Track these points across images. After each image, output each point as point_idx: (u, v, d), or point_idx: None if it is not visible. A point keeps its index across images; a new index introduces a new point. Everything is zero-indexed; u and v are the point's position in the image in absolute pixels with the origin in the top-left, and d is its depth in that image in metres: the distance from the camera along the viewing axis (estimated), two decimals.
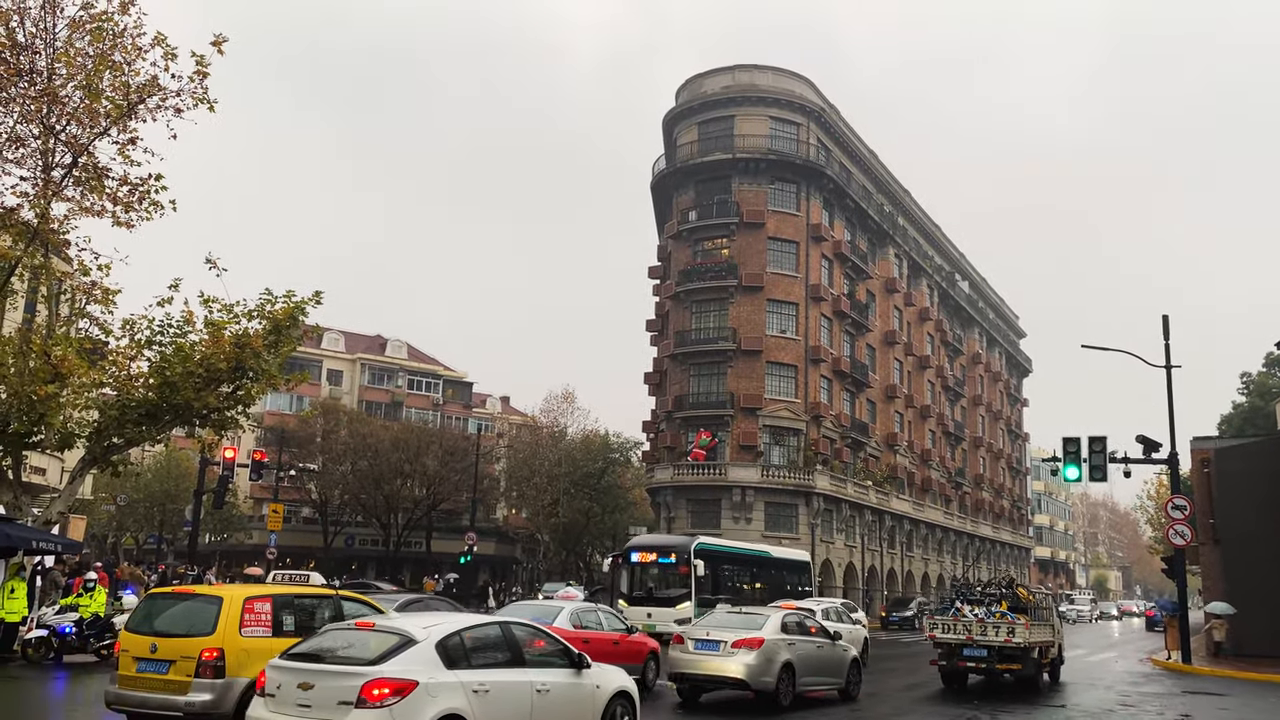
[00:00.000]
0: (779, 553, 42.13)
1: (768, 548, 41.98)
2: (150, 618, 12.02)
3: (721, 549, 37.34)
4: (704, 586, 32.92)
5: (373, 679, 9.08)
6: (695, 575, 32.17)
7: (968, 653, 20.49)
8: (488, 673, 10.13)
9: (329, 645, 10.01)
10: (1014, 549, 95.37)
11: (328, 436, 70.96)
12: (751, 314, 54.94)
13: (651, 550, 33.85)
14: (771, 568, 40.09)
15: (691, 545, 33.28)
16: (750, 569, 38.69)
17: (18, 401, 19.16)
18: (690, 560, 32.31)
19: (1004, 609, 21.46)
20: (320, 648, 9.96)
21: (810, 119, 58.87)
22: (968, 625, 20.65)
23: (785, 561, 41.58)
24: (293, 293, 21.02)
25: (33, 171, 19.53)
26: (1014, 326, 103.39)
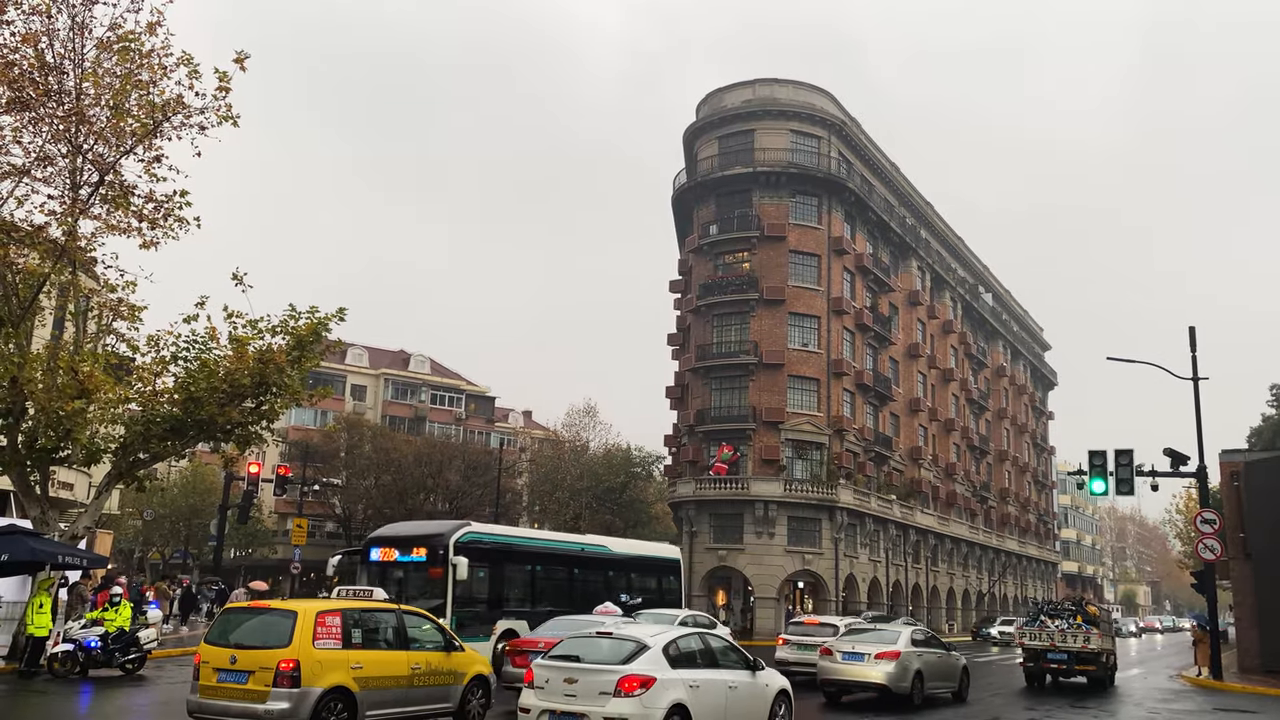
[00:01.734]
0: (627, 548, 32.97)
1: (608, 541, 32.44)
2: (228, 631, 12.90)
3: (512, 541, 27.09)
4: (474, 593, 24.37)
5: (625, 675, 12.04)
6: (453, 578, 22.75)
7: (1051, 656, 25.44)
8: (698, 672, 12.96)
9: (580, 651, 12.91)
10: (1040, 564, 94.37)
11: (351, 451, 71.32)
12: (773, 327, 54.81)
13: (394, 545, 24.16)
14: (612, 568, 30.20)
15: (451, 537, 23.54)
16: (576, 569, 28.88)
17: (45, 417, 19.39)
18: (447, 558, 22.93)
19: (1079, 621, 25.96)
20: (573, 652, 12.91)
21: (831, 132, 58.82)
22: (1051, 634, 25.55)
23: (636, 560, 32.05)
24: (316, 309, 21.20)
25: (61, 190, 19.81)
26: (1038, 339, 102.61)
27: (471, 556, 23.29)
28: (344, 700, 12.52)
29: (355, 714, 12.67)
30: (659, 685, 12.09)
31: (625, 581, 30.48)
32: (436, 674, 14.20)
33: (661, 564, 33.29)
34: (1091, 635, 25.42)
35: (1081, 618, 26.20)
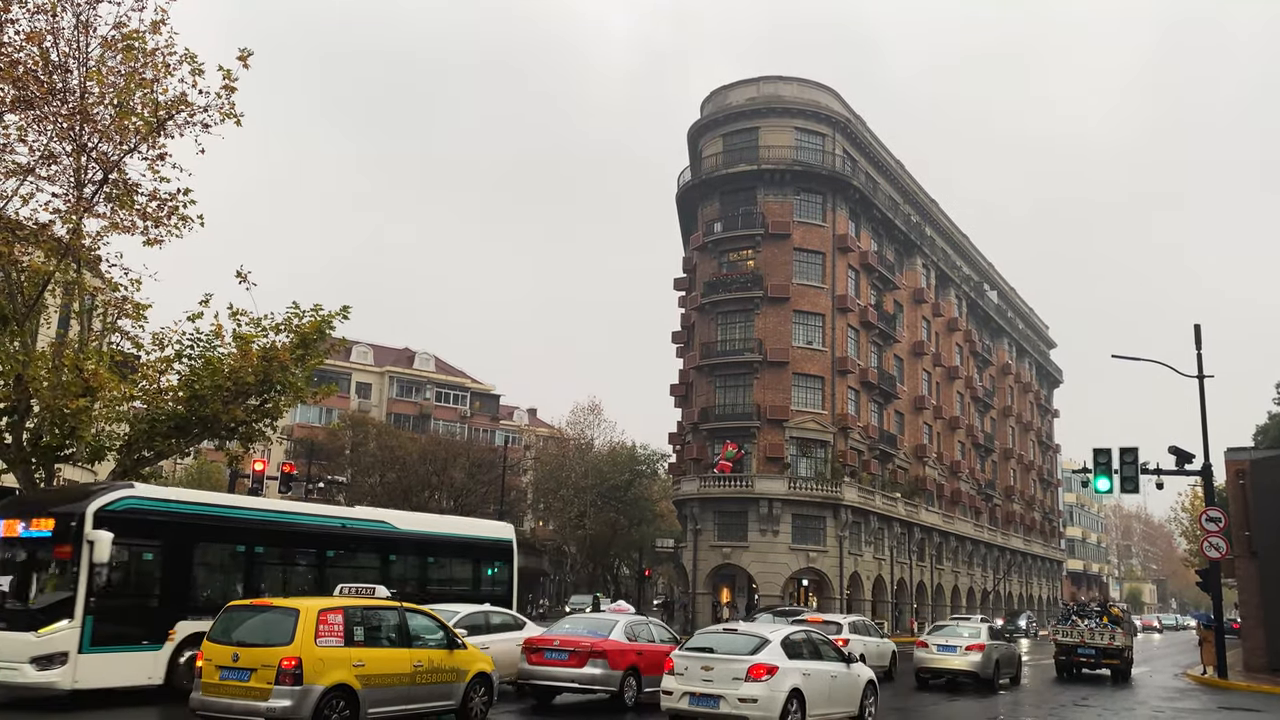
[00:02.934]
0: (426, 525, 24.20)
1: (392, 515, 23.53)
2: (230, 629, 12.94)
3: (205, 512, 18.78)
4: (135, 584, 17.72)
5: (754, 664, 14.54)
6: (89, 561, 15.98)
7: (1081, 651, 29.21)
8: (807, 663, 15.39)
9: (712, 644, 15.57)
10: (1046, 562, 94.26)
11: (356, 449, 71.47)
12: (777, 325, 54.77)
13: (19, 514, 17.18)
14: (395, 551, 22.25)
15: (91, 504, 16.51)
16: (332, 552, 20.99)
17: (50, 415, 19.42)
18: (80, 533, 16.17)
19: (1105, 621, 29.64)
20: (705, 645, 15.53)
21: (836, 129, 58.73)
22: (1081, 632, 29.39)
23: (438, 542, 23.64)
24: (320, 306, 21.21)
25: (65, 188, 19.82)
26: (1044, 336, 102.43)
27: (129, 532, 16.62)
28: (346, 698, 12.56)
29: (357, 712, 12.71)
30: (781, 673, 14.65)
31: (418, 570, 22.76)
32: (439, 671, 14.22)
33: (481, 548, 24.74)
34: (1116, 634, 29.05)
35: (1107, 619, 29.96)
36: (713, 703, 14.47)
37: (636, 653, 17.98)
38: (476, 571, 24.55)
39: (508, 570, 25.33)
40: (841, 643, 21.57)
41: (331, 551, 20.93)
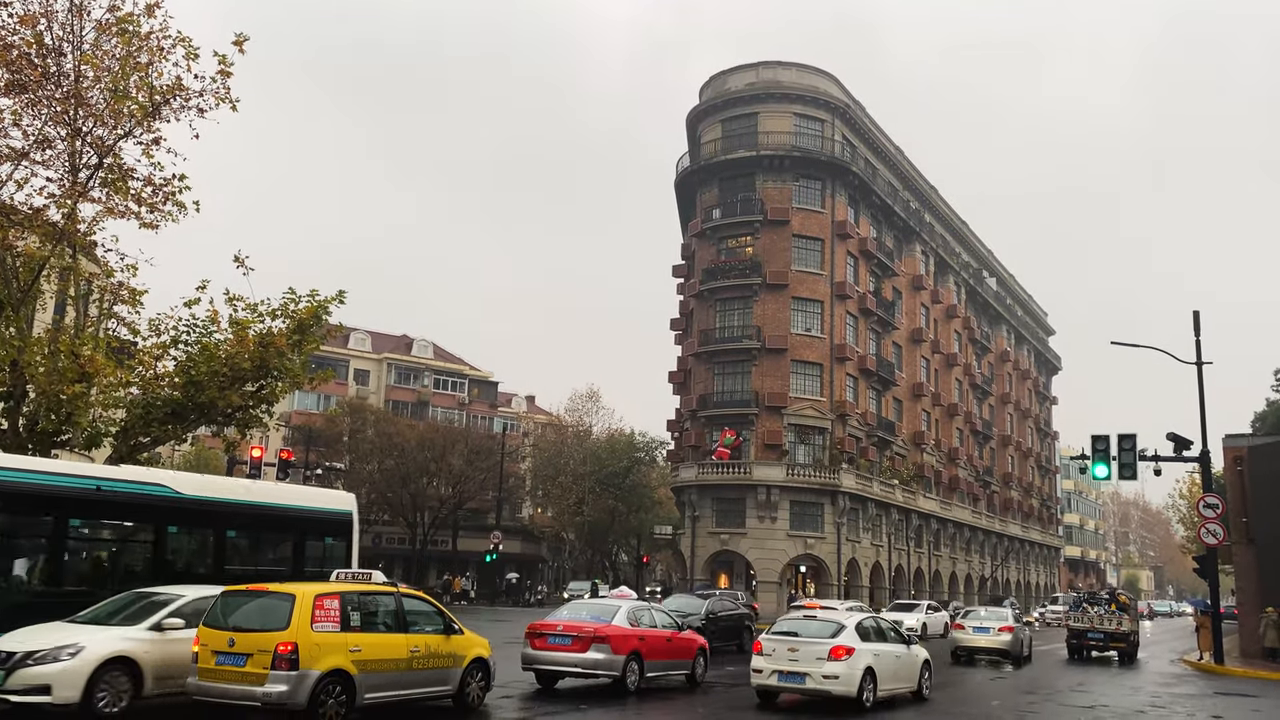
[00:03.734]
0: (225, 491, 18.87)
1: (174, 478, 18.22)
2: (226, 613, 12.86)
3: None
4: None
5: (835, 646, 16.64)
6: None
7: (1090, 636, 31.66)
8: (876, 645, 17.51)
9: (795, 629, 17.66)
10: (1043, 548, 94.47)
11: (354, 435, 71.47)
12: (776, 312, 54.71)
13: None
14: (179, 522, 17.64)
15: None
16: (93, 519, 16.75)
17: (46, 400, 19.35)
18: None
19: (1113, 608, 32.70)
20: (790, 629, 17.65)
21: (835, 115, 58.53)
22: (1091, 618, 32.04)
23: (243, 512, 18.62)
24: (316, 292, 21.10)
25: (60, 173, 19.71)
26: (1042, 323, 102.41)
27: None
28: (342, 683, 12.54)
29: (354, 697, 12.69)
30: (857, 653, 16.80)
31: (212, 547, 18.09)
32: (435, 657, 14.21)
33: (308, 521, 19.86)
34: (1123, 619, 31.67)
35: (1115, 605, 33.11)
36: (799, 679, 16.79)
37: (639, 638, 18.05)
38: (299, 549, 19.60)
39: (344, 548, 20.25)
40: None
41: (79, 521, 16.21)
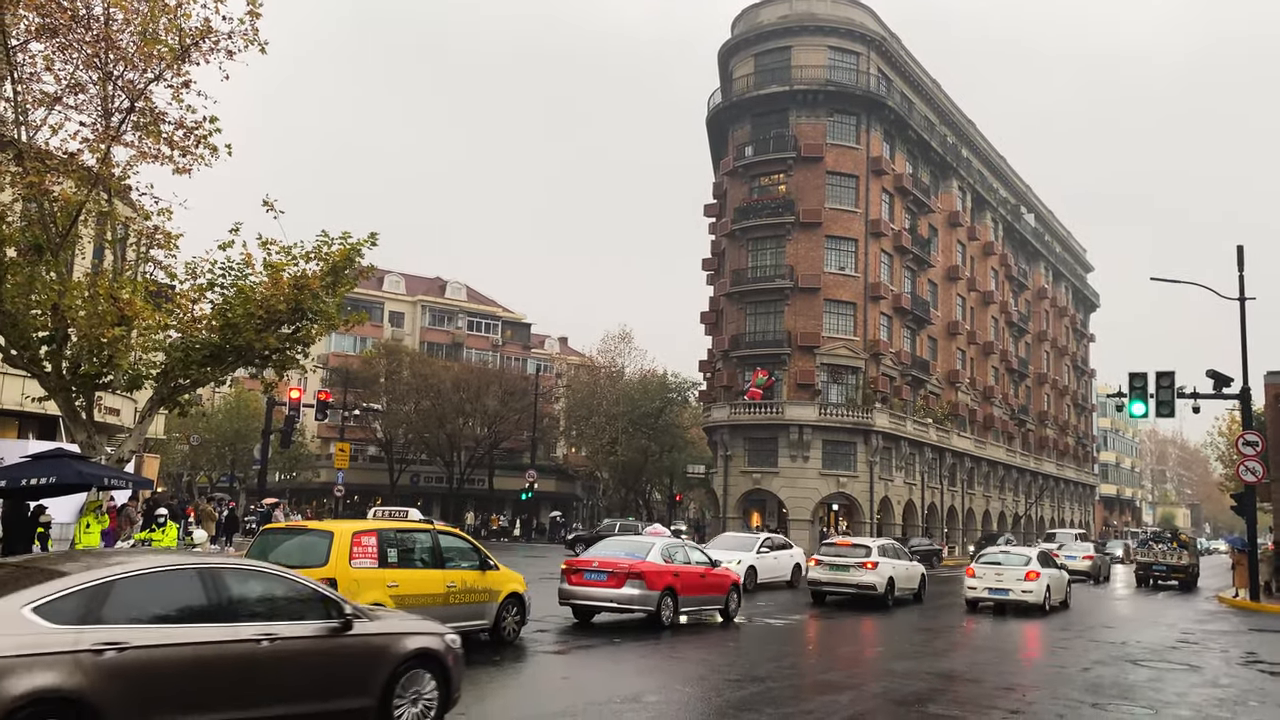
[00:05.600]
0: None
1: None
2: (266, 551, 13.09)
3: None
4: None
5: (1028, 570, 24.41)
6: None
7: (1155, 568, 37.12)
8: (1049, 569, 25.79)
9: (998, 559, 25.47)
10: (1079, 486, 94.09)
11: (390, 377, 72.26)
12: (809, 251, 54.20)
13: None
14: None
15: None
16: None
17: (87, 344, 19.68)
18: None
19: (1175, 545, 37.79)
20: (994, 559, 25.52)
21: (870, 48, 57.28)
22: (1157, 554, 37.59)
23: None
24: (349, 234, 21.14)
25: (93, 117, 19.78)
26: (1081, 260, 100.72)
27: None
28: None
29: None
30: (1042, 576, 24.54)
31: None
32: (472, 592, 14.45)
33: None
34: (1183, 554, 36.93)
35: (1176, 543, 38.28)
36: (1004, 593, 24.40)
37: (673, 574, 18.29)
38: None
39: None
40: (870, 565, 24.36)
41: None
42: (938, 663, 15.23)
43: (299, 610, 8.12)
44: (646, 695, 11.62)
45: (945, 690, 12.70)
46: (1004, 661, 15.85)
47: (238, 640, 7.45)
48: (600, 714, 10.39)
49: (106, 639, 6.71)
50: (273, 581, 8.26)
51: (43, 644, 6.44)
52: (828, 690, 12.47)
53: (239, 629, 7.53)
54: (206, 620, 7.40)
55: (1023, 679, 13.95)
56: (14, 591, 6.68)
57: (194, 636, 7.24)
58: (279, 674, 7.68)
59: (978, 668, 14.91)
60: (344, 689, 8.14)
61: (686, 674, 13.45)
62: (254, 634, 7.58)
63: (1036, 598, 24.12)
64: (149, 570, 7.43)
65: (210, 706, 7.14)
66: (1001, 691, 12.74)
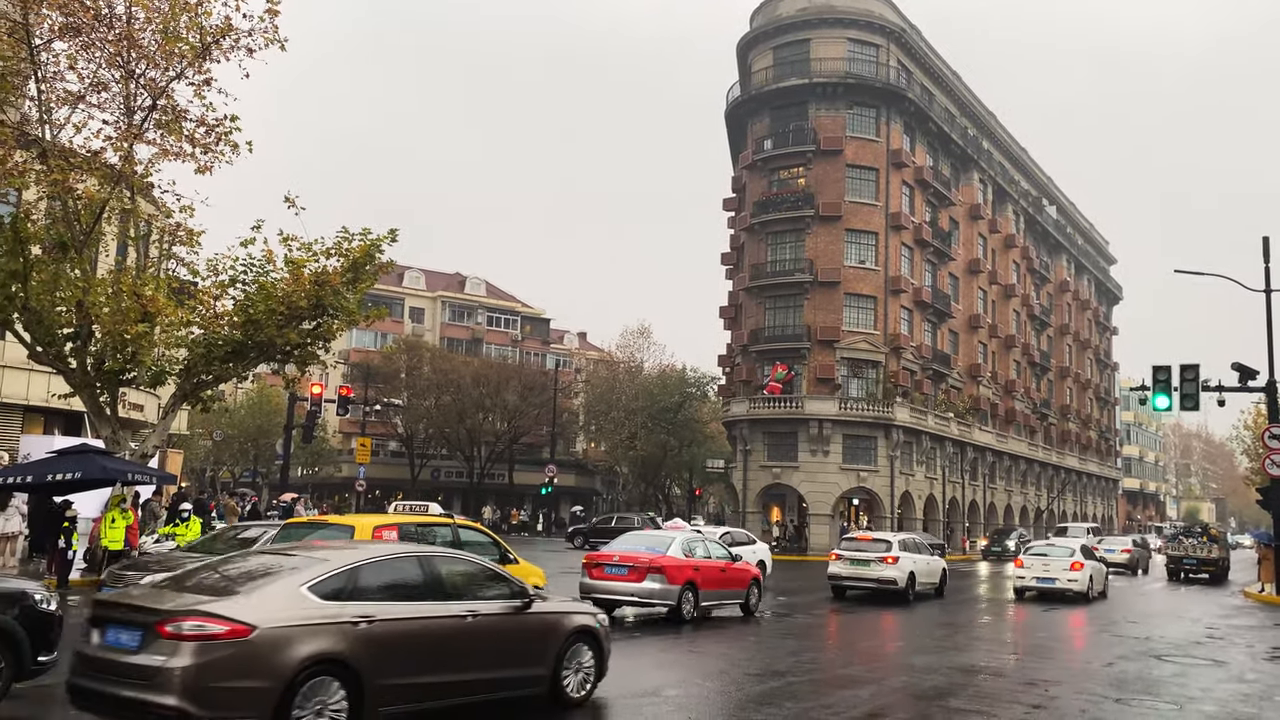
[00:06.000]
0: None
1: None
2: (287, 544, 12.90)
3: None
4: None
5: (1073, 561, 26.73)
6: None
7: (1185, 562, 38.33)
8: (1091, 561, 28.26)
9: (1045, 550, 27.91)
10: (1101, 480, 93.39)
11: (411, 372, 72.58)
12: (829, 244, 53.98)
13: None
14: None
15: None
16: None
17: (111, 340, 19.89)
18: None
19: (1205, 539, 39.31)
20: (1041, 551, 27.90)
21: (890, 40, 56.93)
22: (1188, 548, 38.78)
23: None
24: (368, 230, 21.25)
25: (115, 115, 19.96)
26: (1104, 252, 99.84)
27: None
28: None
29: None
30: (1087, 566, 26.82)
31: None
32: None
33: None
34: (1213, 548, 38.28)
35: (1206, 537, 39.77)
36: (1050, 582, 26.58)
37: (694, 568, 18.30)
38: None
39: None
40: (890, 560, 24.21)
41: None
42: (959, 657, 15.16)
43: (492, 591, 9.64)
44: (666, 689, 11.63)
45: (967, 685, 12.64)
46: (1027, 656, 15.77)
47: (451, 616, 8.97)
48: (621, 708, 10.40)
49: (360, 612, 8.18)
50: (472, 567, 9.85)
51: (319, 616, 7.90)
52: (848, 685, 12.44)
53: (451, 606, 9.04)
54: (426, 599, 8.86)
55: (1045, 673, 13.87)
56: (292, 573, 8.20)
57: (419, 612, 8.70)
58: (480, 644, 9.21)
59: (1000, 662, 14.83)
60: (527, 658, 9.67)
61: (707, 668, 13.45)
62: (462, 610, 9.10)
63: (1081, 586, 26.47)
64: (384, 557, 8.97)
65: (431, 669, 8.65)
66: (1024, 686, 12.67)
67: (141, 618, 7.59)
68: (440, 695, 8.83)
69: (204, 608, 7.51)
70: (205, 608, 7.51)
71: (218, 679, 7.27)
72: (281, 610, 7.73)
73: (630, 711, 10.34)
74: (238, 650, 7.36)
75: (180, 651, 7.25)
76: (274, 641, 7.53)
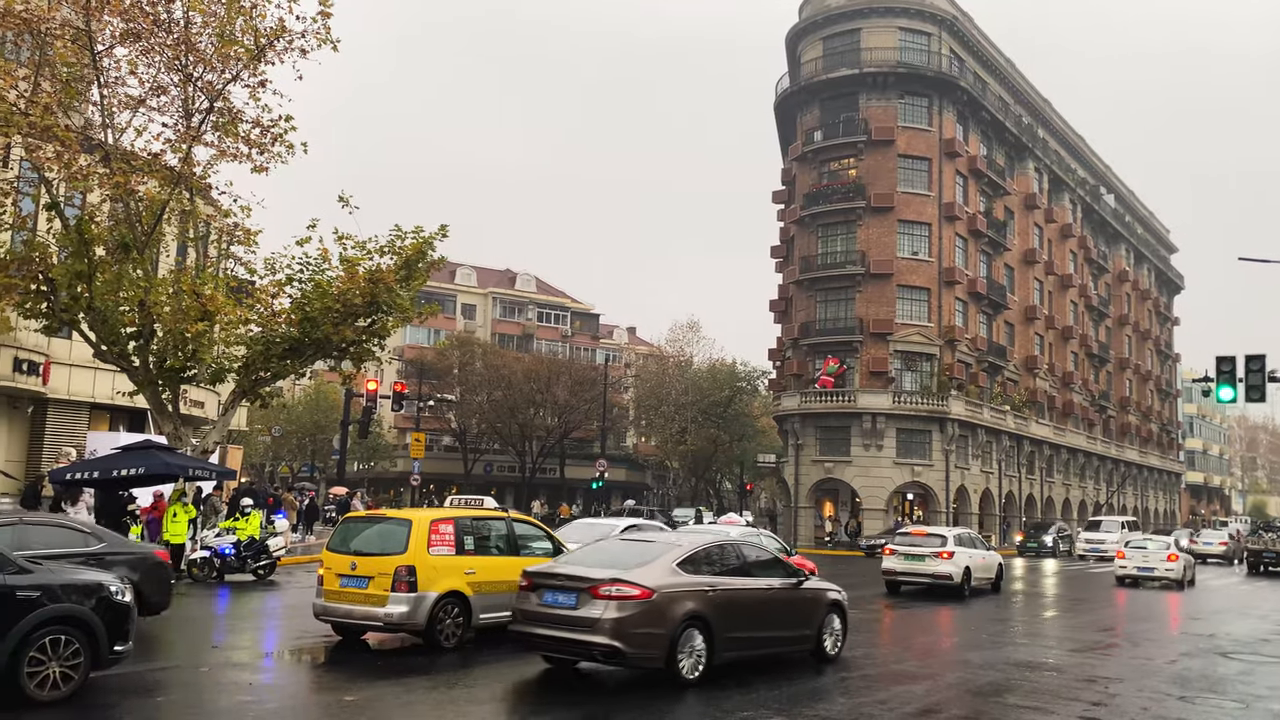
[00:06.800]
0: None
1: None
2: (348, 539, 13.44)
3: None
4: None
5: (1170, 553, 30.39)
6: None
7: (1265, 554, 39.89)
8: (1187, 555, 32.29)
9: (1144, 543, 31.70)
10: (1163, 474, 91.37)
11: (464, 368, 73.27)
12: (881, 236, 53.43)
13: None
14: None
15: None
16: None
17: (172, 338, 20.34)
18: None
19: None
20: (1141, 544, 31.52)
21: (942, 28, 56.15)
22: (1266, 541, 40.84)
23: None
24: (420, 228, 21.50)
25: (174, 118, 20.39)
26: (1164, 241, 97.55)
27: None
28: (459, 604, 12.99)
29: (469, 617, 13.14)
30: (1181, 558, 30.20)
31: None
32: None
33: None
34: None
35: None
36: (1149, 570, 30.18)
37: None
38: None
39: None
40: (946, 555, 23.89)
41: None
42: (1016, 653, 14.94)
43: (777, 571, 12.73)
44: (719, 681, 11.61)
45: (1024, 681, 12.45)
46: (1087, 652, 15.49)
47: (759, 588, 12.10)
48: (674, 697, 10.41)
49: (708, 583, 11.29)
50: (764, 554, 12.98)
51: (687, 584, 11.04)
52: (902, 680, 12.32)
53: (757, 581, 12.18)
54: (741, 575, 12.04)
55: (1106, 670, 13.61)
56: (664, 553, 11.41)
57: (742, 584, 11.88)
58: (777, 609, 12.27)
59: (1058, 659, 14.59)
60: (802, 622, 12.70)
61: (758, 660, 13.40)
62: (764, 584, 12.21)
63: (1176, 574, 30.07)
64: (714, 544, 12.29)
65: (751, 626, 11.76)
66: (1083, 683, 12.45)
67: (575, 584, 10.69)
68: (755, 647, 11.93)
69: (622, 576, 10.52)
70: (623, 576, 10.52)
71: (634, 626, 10.30)
72: (665, 579, 10.79)
73: (705, 700, 10.34)
74: (645, 607, 10.41)
75: (609, 607, 10.32)
76: (666, 601, 10.59)
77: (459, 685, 11.06)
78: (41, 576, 9.00)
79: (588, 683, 11.28)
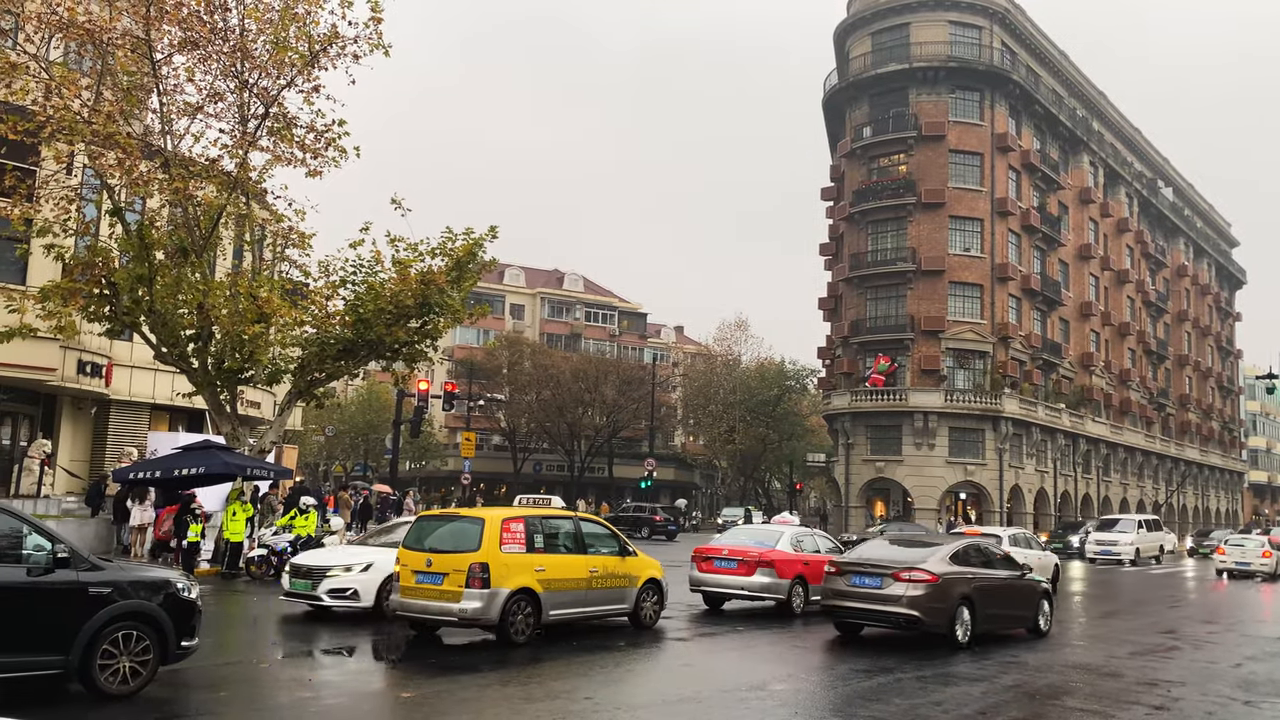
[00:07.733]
0: None
1: None
2: (423, 537, 13.73)
3: None
4: None
5: (1264, 550, 35.45)
6: None
7: None
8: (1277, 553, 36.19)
9: (1240, 541, 36.97)
10: (1224, 473, 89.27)
11: (513, 368, 73.82)
12: (932, 232, 52.85)
13: None
14: None
15: None
16: None
17: (230, 340, 20.75)
18: None
19: None
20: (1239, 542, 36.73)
21: (993, 21, 55.38)
22: None
23: None
24: (471, 230, 21.70)
25: (230, 124, 20.79)
26: (1225, 235, 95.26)
27: None
28: (530, 600, 13.21)
29: (540, 614, 13.36)
30: (1274, 555, 34.82)
31: None
32: (612, 577, 14.74)
33: None
34: None
35: None
36: (1246, 565, 34.29)
37: (803, 563, 18.17)
38: None
39: None
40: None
41: None
42: (1073, 655, 14.70)
43: (1009, 564, 16.38)
44: (773, 683, 11.57)
45: (1083, 684, 12.24)
46: (1148, 655, 15.19)
47: (1000, 578, 15.68)
48: (727, 701, 10.40)
49: (970, 573, 14.89)
50: (998, 550, 17.09)
51: (958, 572, 14.65)
52: (958, 682, 12.17)
53: (1000, 572, 15.74)
54: (986, 567, 15.54)
55: (1168, 673, 13.33)
56: (936, 549, 15.12)
57: (990, 574, 15.41)
58: (1011, 594, 15.75)
59: (1118, 661, 14.33)
60: (1025, 604, 16.12)
61: (813, 663, 13.34)
62: (1003, 574, 15.76)
63: (1269, 568, 34.73)
64: (970, 544, 15.89)
65: (996, 606, 15.20)
66: (1144, 686, 12.21)
67: (880, 570, 14.35)
68: (999, 623, 15.35)
69: (917, 565, 14.22)
70: (917, 565, 14.22)
71: (929, 601, 13.91)
72: (945, 568, 14.41)
73: (737, 703, 10.33)
74: (934, 588, 14.01)
75: (910, 587, 13.95)
76: (947, 584, 14.22)
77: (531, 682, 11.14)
78: (112, 573, 9.22)
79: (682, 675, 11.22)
